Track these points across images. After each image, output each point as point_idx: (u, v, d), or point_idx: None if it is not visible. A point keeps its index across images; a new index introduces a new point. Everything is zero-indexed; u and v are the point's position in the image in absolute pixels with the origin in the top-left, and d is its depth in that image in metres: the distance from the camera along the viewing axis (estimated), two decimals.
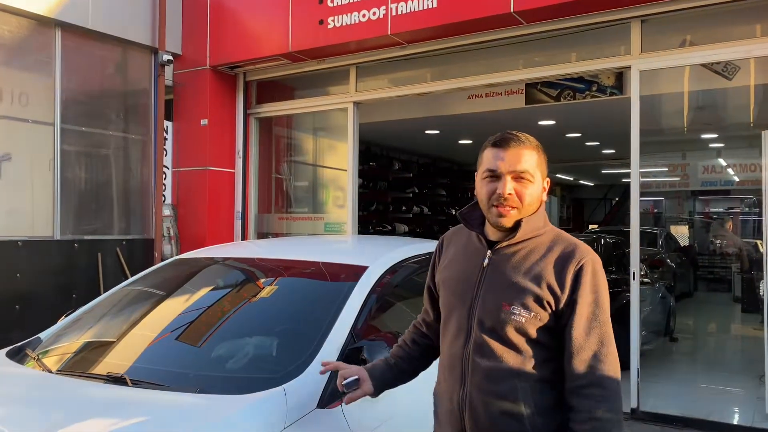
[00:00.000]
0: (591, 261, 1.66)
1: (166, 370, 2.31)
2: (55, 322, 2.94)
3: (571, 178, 18.10)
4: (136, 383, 2.16)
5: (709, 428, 4.59)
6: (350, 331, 2.33)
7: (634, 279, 4.81)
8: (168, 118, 6.77)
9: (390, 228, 10.85)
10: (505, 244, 1.70)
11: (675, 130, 8.33)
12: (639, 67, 4.85)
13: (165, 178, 6.71)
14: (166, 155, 6.71)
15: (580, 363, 1.60)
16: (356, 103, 6.25)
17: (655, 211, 14.89)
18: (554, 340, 1.66)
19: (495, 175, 1.68)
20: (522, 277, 1.65)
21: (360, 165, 9.72)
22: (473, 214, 1.79)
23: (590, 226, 17.11)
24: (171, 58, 6.45)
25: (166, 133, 6.72)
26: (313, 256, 2.96)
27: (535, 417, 1.63)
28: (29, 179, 5.63)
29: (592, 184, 19.52)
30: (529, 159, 1.68)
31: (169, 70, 6.64)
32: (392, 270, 2.84)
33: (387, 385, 1.95)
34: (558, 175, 16.85)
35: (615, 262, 7.19)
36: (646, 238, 9.97)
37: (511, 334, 1.63)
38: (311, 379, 2.12)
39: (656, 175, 12.34)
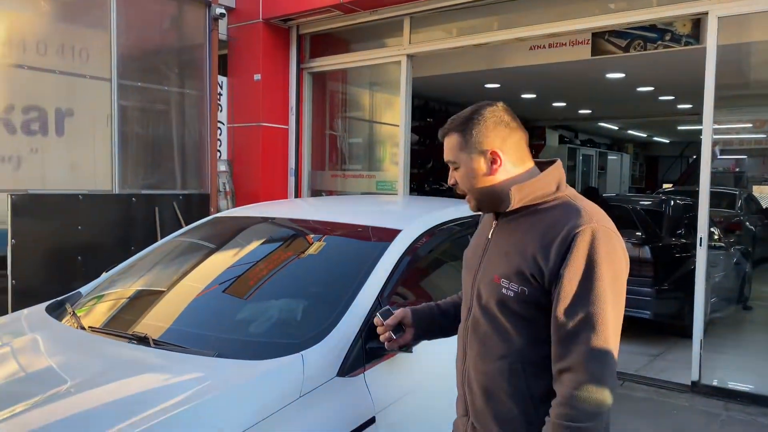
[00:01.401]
0: (590, 230, 1.44)
1: (189, 331, 2.29)
2: None
3: (644, 135, 17.15)
4: (158, 344, 2.14)
5: None
6: (377, 297, 2.23)
7: (700, 245, 4.47)
8: (223, 73, 6.75)
9: (447, 186, 10.63)
10: (507, 213, 1.61)
11: (762, 82, 7.63)
12: (717, 12, 4.39)
13: (220, 134, 6.75)
14: (221, 111, 6.73)
15: (559, 345, 1.44)
16: (410, 56, 6.01)
17: (737, 170, 13.96)
18: (547, 319, 1.48)
19: None
20: (513, 248, 1.54)
21: (416, 121, 9.50)
22: None
23: (664, 186, 16.27)
24: (224, 11, 6.38)
25: (221, 88, 6.72)
26: (346, 218, 2.85)
27: (529, 402, 1.50)
28: (90, 134, 5.76)
29: (667, 141, 18.46)
30: (449, 147, 1.63)
31: (223, 25, 6.59)
32: (429, 233, 2.71)
33: (430, 328, 1.91)
34: (629, 132, 16.02)
35: (685, 226, 6.76)
36: (725, 200, 9.38)
37: (500, 309, 1.52)
38: (332, 346, 2.05)
39: (739, 131, 11.48)
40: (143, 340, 2.16)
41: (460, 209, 3.00)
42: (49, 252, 5.25)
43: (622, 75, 7.95)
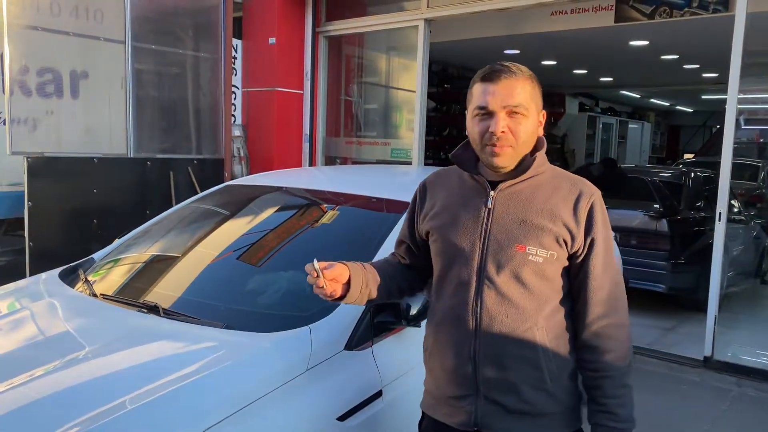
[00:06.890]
0: (599, 198, 1.59)
1: (199, 301, 2.30)
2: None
3: (667, 104, 16.77)
4: (168, 314, 2.16)
5: None
6: None
7: (719, 220, 4.39)
8: (237, 36, 6.66)
9: None
10: (510, 183, 1.57)
11: None
12: None
13: (234, 99, 6.70)
14: (235, 75, 6.66)
15: (599, 301, 1.56)
16: (427, 21, 5.88)
17: (761, 140, 13.64)
18: (568, 280, 1.59)
19: (487, 112, 1.53)
20: (534, 216, 1.54)
21: (434, 87, 9.33)
22: (465, 155, 1.64)
23: (685, 156, 15.96)
24: None
25: (235, 51, 6.64)
26: (356, 190, 2.82)
27: (551, 362, 1.56)
28: (105, 97, 5.74)
29: (690, 110, 18.05)
30: (521, 91, 1.52)
31: None
32: None
33: (359, 285, 1.65)
34: (652, 100, 15.67)
35: (705, 198, 6.65)
36: (747, 171, 9.19)
37: (528, 276, 1.53)
38: (340, 320, 2.04)
39: (766, 101, 11.16)
40: (153, 309, 2.18)
41: None
42: (65, 215, 5.30)
43: (646, 42, 7.73)
